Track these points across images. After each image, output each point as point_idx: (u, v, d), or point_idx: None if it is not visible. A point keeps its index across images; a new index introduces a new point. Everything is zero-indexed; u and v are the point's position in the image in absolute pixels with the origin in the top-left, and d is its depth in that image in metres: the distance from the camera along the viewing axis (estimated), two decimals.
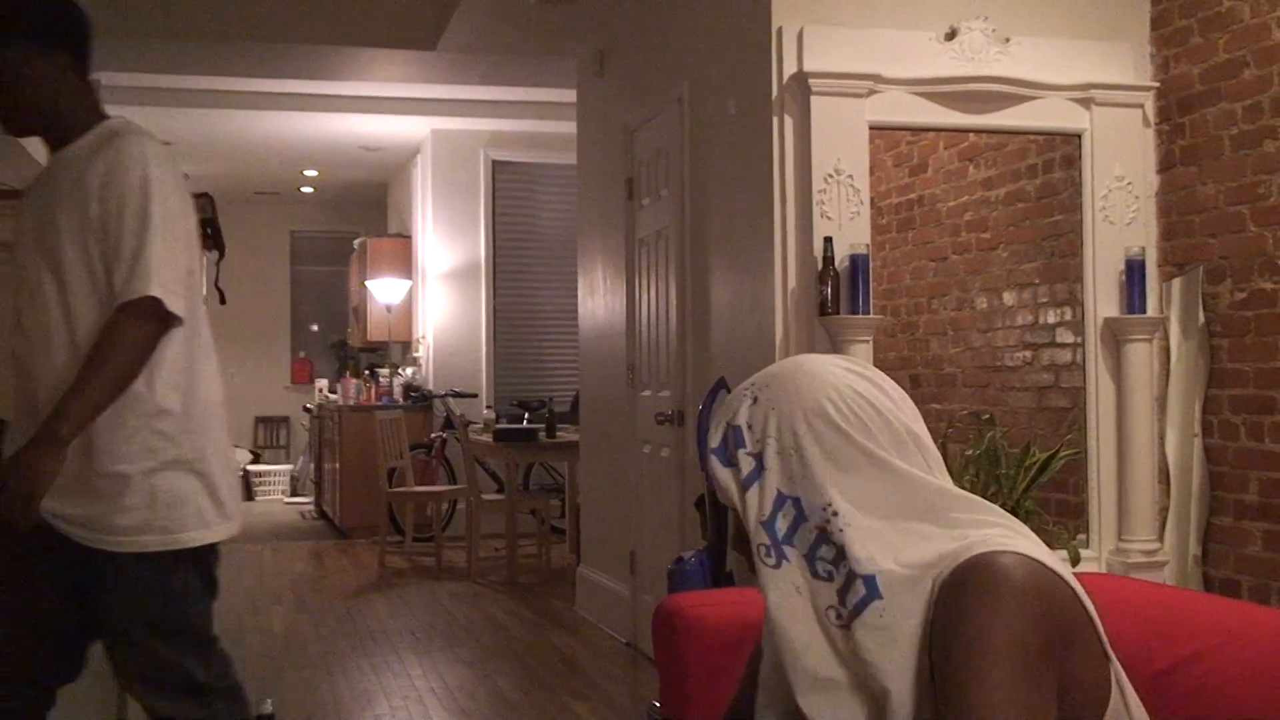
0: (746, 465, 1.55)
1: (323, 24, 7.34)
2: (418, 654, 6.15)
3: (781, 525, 1.53)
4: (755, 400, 1.57)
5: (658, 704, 2.62)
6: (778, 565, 1.52)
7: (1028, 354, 5.15)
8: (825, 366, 1.59)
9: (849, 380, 1.56)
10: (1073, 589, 1.48)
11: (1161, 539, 4.66)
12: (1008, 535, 1.50)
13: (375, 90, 9.50)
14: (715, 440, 1.59)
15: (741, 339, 4.89)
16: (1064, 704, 1.45)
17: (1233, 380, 4.45)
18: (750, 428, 1.56)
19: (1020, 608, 1.40)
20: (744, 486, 1.55)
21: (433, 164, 10.73)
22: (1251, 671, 1.85)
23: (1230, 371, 4.46)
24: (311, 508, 12.34)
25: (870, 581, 1.47)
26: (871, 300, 4.36)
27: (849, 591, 1.48)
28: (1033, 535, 1.54)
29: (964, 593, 1.43)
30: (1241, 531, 4.39)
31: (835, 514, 1.50)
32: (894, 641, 1.46)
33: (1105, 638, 1.51)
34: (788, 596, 1.51)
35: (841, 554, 1.49)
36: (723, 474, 1.57)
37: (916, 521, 1.51)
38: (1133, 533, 4.60)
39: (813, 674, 1.49)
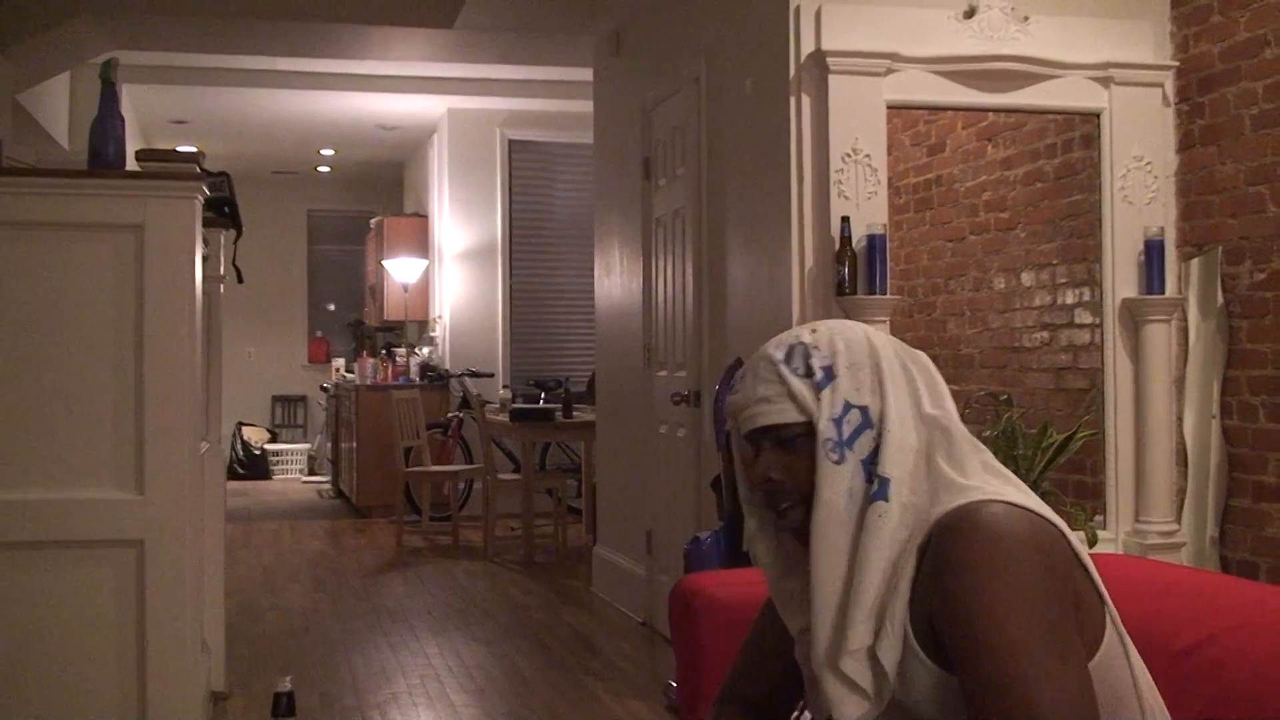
0: (819, 374, 1.65)
1: (340, 2, 7.33)
2: (434, 633, 6.17)
3: (846, 428, 1.63)
4: (815, 330, 1.69)
5: (674, 683, 2.63)
6: (840, 462, 1.62)
7: (1045, 334, 5.14)
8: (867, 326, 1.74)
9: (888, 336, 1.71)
10: (1061, 530, 1.57)
11: (1179, 520, 4.65)
12: (998, 484, 1.60)
13: (392, 69, 9.48)
14: (780, 354, 1.67)
15: (758, 319, 4.88)
16: None
17: (1252, 361, 4.43)
18: (817, 347, 1.67)
19: (1019, 554, 1.49)
20: (818, 387, 1.64)
21: (449, 143, 10.72)
22: (1269, 652, 1.84)
23: (1249, 352, 4.44)
24: (329, 487, 12.38)
25: (885, 483, 1.60)
26: (889, 280, 4.35)
27: (871, 486, 1.61)
28: (1033, 495, 1.63)
29: (957, 545, 1.52)
30: (1260, 513, 4.38)
31: (888, 424, 1.63)
32: (884, 542, 1.58)
33: (1099, 579, 1.60)
34: (839, 495, 1.61)
35: (876, 455, 1.62)
36: (796, 381, 1.65)
37: (942, 460, 1.62)
38: (1150, 514, 4.58)
39: (835, 569, 1.60)
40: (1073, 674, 1.45)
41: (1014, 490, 1.60)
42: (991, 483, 1.60)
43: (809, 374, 1.65)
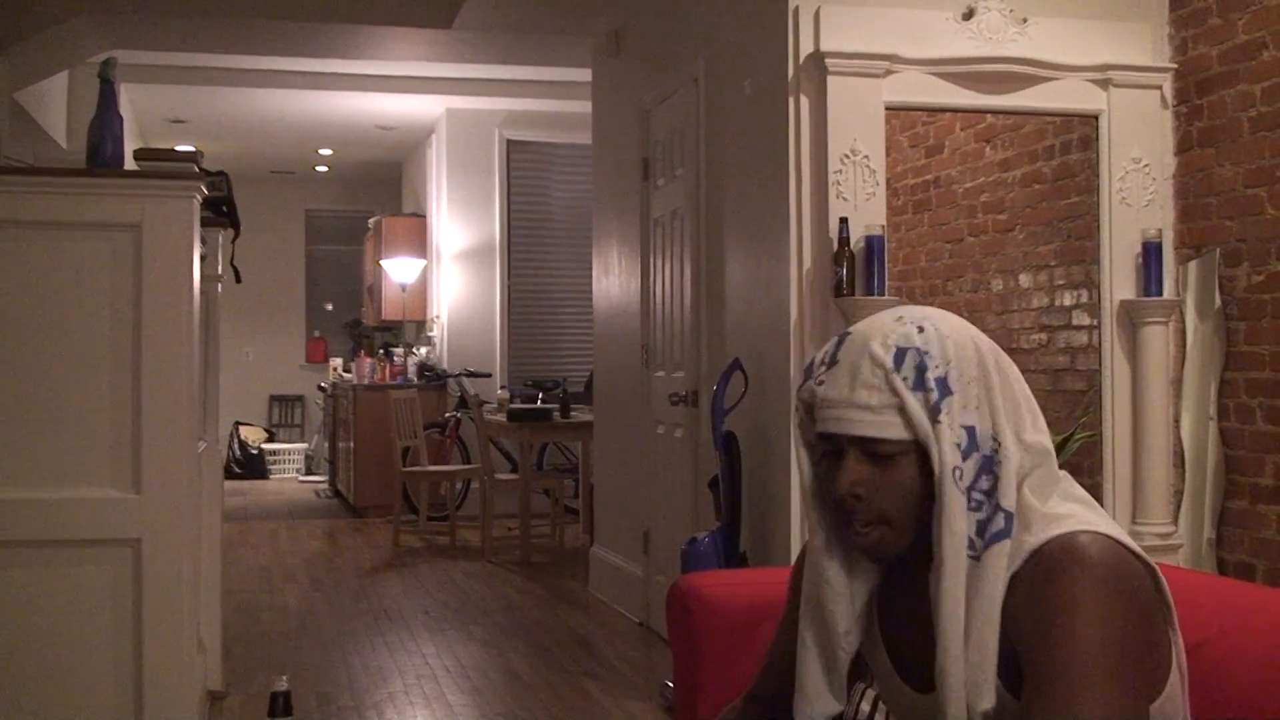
0: (935, 388, 1.51)
1: (338, 2, 7.33)
2: (431, 632, 6.16)
3: (961, 452, 1.51)
4: (921, 329, 1.54)
5: (670, 683, 2.63)
6: (962, 492, 1.50)
7: (1043, 336, 5.14)
8: (957, 316, 1.61)
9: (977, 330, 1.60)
10: (1148, 566, 1.52)
11: (1176, 522, 4.65)
12: (1091, 514, 1.53)
13: (390, 69, 9.49)
14: (889, 357, 1.52)
15: (756, 320, 4.88)
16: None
17: (1249, 363, 4.43)
18: (929, 353, 1.52)
19: (1111, 594, 1.43)
20: (935, 409, 1.50)
21: (448, 143, 10.72)
22: (1265, 654, 1.84)
23: (1246, 354, 4.44)
24: (326, 486, 12.37)
25: (1010, 519, 1.49)
26: (887, 282, 4.35)
27: (990, 523, 1.49)
28: (1118, 525, 1.56)
29: (1051, 578, 1.45)
30: (1256, 515, 4.38)
31: (1000, 445, 1.51)
32: (1002, 580, 1.48)
33: (1174, 610, 1.55)
34: (963, 533, 1.49)
35: (995, 486, 1.50)
36: (910, 396, 1.51)
37: (1051, 479, 1.55)
38: (1147, 515, 4.59)
39: (958, 636, 1.49)
40: (1134, 712, 1.42)
41: (1103, 520, 1.53)
42: (1080, 511, 1.53)
43: (922, 386, 1.51)
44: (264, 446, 13.71)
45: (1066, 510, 1.52)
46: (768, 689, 1.83)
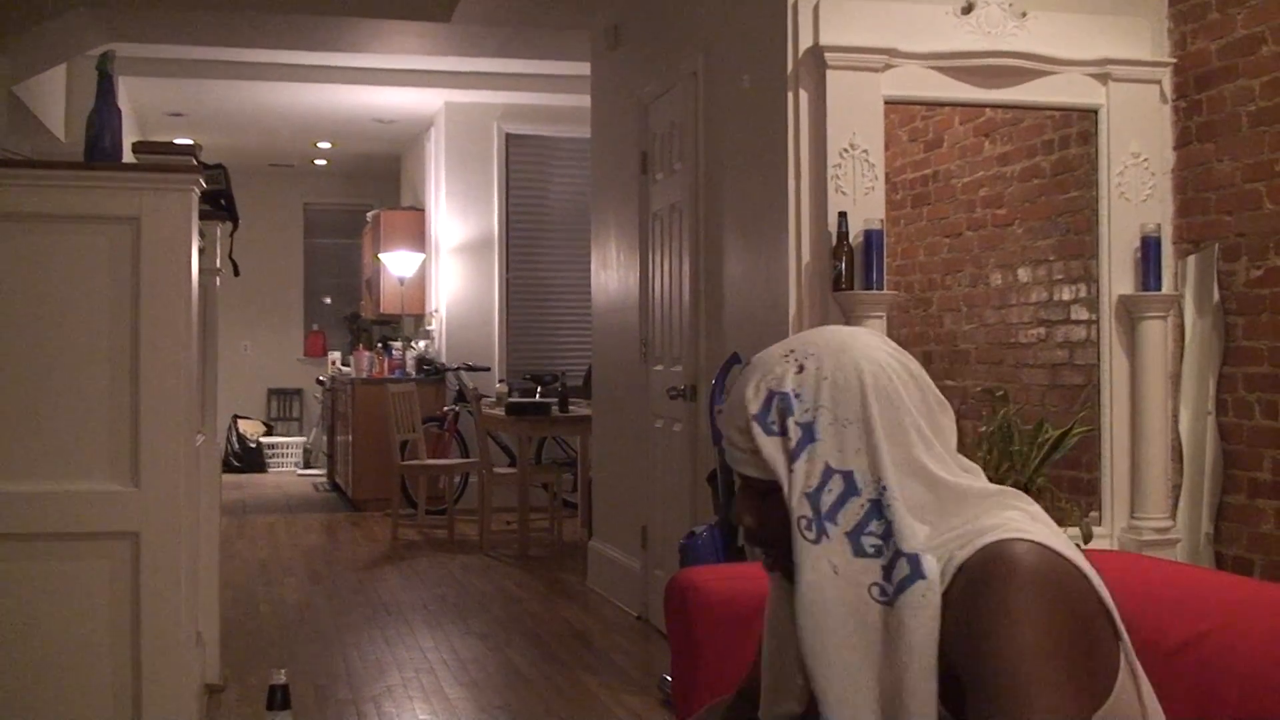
0: (796, 434, 1.50)
1: None
2: (429, 626, 6.17)
3: (827, 499, 1.49)
4: (801, 368, 1.53)
5: (669, 677, 2.62)
6: (817, 541, 1.49)
7: (1042, 330, 5.14)
8: (866, 339, 1.56)
9: (889, 354, 1.55)
10: (1084, 573, 1.48)
11: (1174, 517, 4.65)
12: (1024, 520, 1.50)
13: (389, 62, 9.48)
14: (755, 406, 1.52)
15: (755, 314, 4.88)
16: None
17: (1247, 358, 4.43)
18: (799, 396, 1.51)
19: (1041, 600, 1.41)
20: (792, 456, 1.50)
21: (446, 137, 10.71)
22: (1262, 649, 1.84)
23: (1245, 349, 4.45)
24: (324, 480, 12.37)
25: (914, 560, 1.46)
26: (885, 276, 4.35)
27: (894, 569, 1.47)
28: (1048, 520, 1.53)
29: (982, 588, 1.43)
30: (1254, 510, 4.38)
31: (886, 488, 1.48)
32: (932, 621, 1.45)
33: (1116, 616, 1.51)
34: (824, 575, 1.48)
35: (890, 530, 1.48)
36: (768, 443, 1.51)
37: (952, 503, 1.51)
38: (1145, 510, 4.59)
39: (838, 656, 1.48)
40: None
41: (1035, 525, 1.50)
42: (1012, 519, 1.49)
43: (784, 432, 1.50)
44: (262, 440, 13.72)
45: (996, 520, 1.49)
46: (757, 685, 1.84)
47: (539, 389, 9.55)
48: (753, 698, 1.84)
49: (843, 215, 4.34)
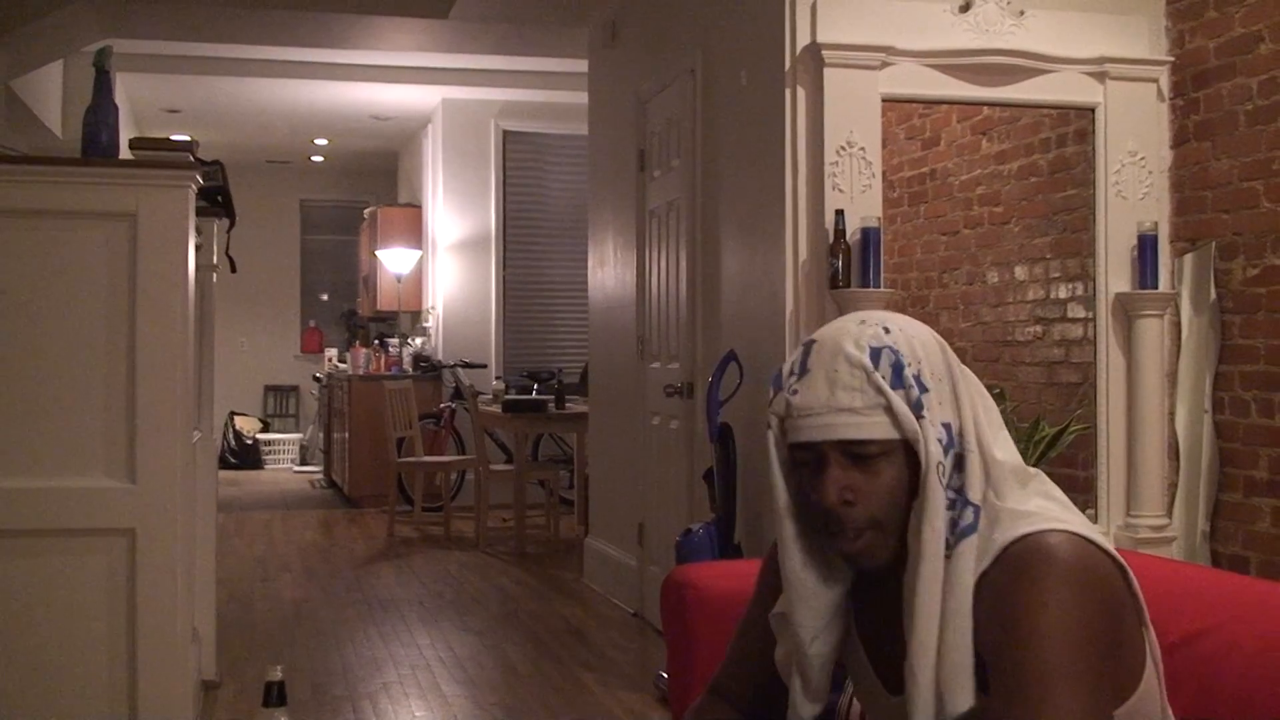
0: (913, 386, 1.50)
1: None
2: (426, 623, 6.17)
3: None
4: (888, 330, 1.52)
5: (665, 674, 2.62)
6: (947, 489, 1.49)
7: (1038, 329, 5.14)
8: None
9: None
10: (1119, 566, 1.50)
11: (1170, 515, 4.66)
12: (1058, 509, 1.51)
13: (386, 59, 9.47)
14: (865, 356, 1.49)
15: (752, 311, 4.88)
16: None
17: (1244, 356, 4.44)
18: (899, 350, 1.51)
19: (1079, 592, 1.42)
20: (917, 405, 1.49)
21: (443, 134, 10.71)
22: (1258, 647, 1.84)
23: (1241, 348, 4.45)
24: (320, 477, 12.37)
25: (977, 512, 1.48)
26: (883, 274, 4.35)
27: (960, 519, 1.49)
28: (1075, 509, 1.55)
29: (1018, 575, 1.44)
30: (1250, 508, 4.39)
31: (966, 441, 1.51)
32: (969, 577, 1.47)
33: (1145, 608, 1.53)
34: (941, 531, 1.48)
35: (964, 482, 1.50)
36: (894, 395, 1.49)
37: (1006, 471, 1.53)
38: (1141, 508, 4.59)
39: (934, 605, 1.48)
40: (1095, 714, 1.40)
41: (1074, 517, 1.51)
42: (1050, 508, 1.51)
43: (901, 384, 1.49)
44: (259, 437, 13.71)
45: (1035, 507, 1.50)
46: (732, 682, 1.82)
47: (536, 386, 9.55)
48: (725, 694, 1.83)
49: (840, 213, 4.34)
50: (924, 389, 1.49)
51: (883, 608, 1.60)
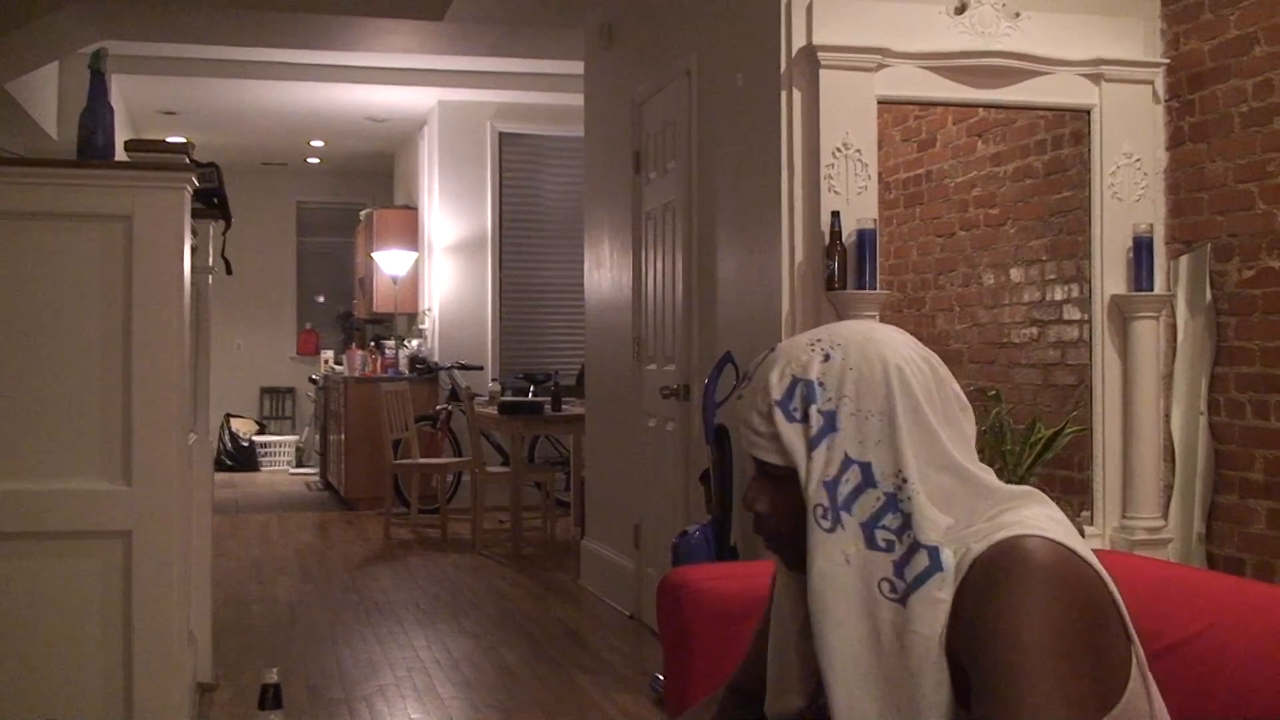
0: (817, 422, 1.50)
1: None
2: (422, 625, 6.16)
3: (844, 489, 1.49)
4: (828, 358, 1.53)
5: (661, 676, 2.62)
6: (832, 530, 1.48)
7: (1034, 330, 5.15)
8: (892, 334, 1.57)
9: (914, 349, 1.55)
10: (1098, 573, 1.48)
11: (1166, 516, 4.66)
12: (1043, 519, 1.49)
13: (382, 61, 9.47)
14: (779, 392, 1.52)
15: (748, 313, 4.88)
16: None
17: (1239, 358, 4.44)
18: (823, 385, 1.51)
19: (1053, 595, 1.40)
20: (812, 444, 1.50)
21: (439, 135, 10.71)
22: (1254, 648, 1.85)
23: (1237, 349, 4.45)
24: (317, 479, 12.36)
25: (935, 553, 1.45)
26: (878, 276, 4.35)
27: (909, 564, 1.47)
28: (1067, 522, 1.53)
29: (993, 580, 1.42)
30: (1246, 509, 4.39)
31: (905, 481, 1.48)
32: (943, 615, 1.45)
33: (1129, 620, 1.51)
34: (836, 565, 1.48)
35: (907, 523, 1.48)
36: (789, 429, 1.51)
37: (977, 497, 1.51)
38: (1137, 510, 4.60)
39: (846, 649, 1.48)
40: (1075, 713, 1.38)
41: (1050, 522, 1.49)
42: (1032, 517, 1.49)
43: (805, 419, 1.51)
44: (255, 439, 13.70)
45: (1017, 518, 1.49)
46: (748, 680, 1.83)
47: (532, 388, 9.55)
48: (743, 692, 1.84)
49: (836, 215, 4.34)
50: (831, 429, 1.50)
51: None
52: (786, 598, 1.66)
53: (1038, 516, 1.50)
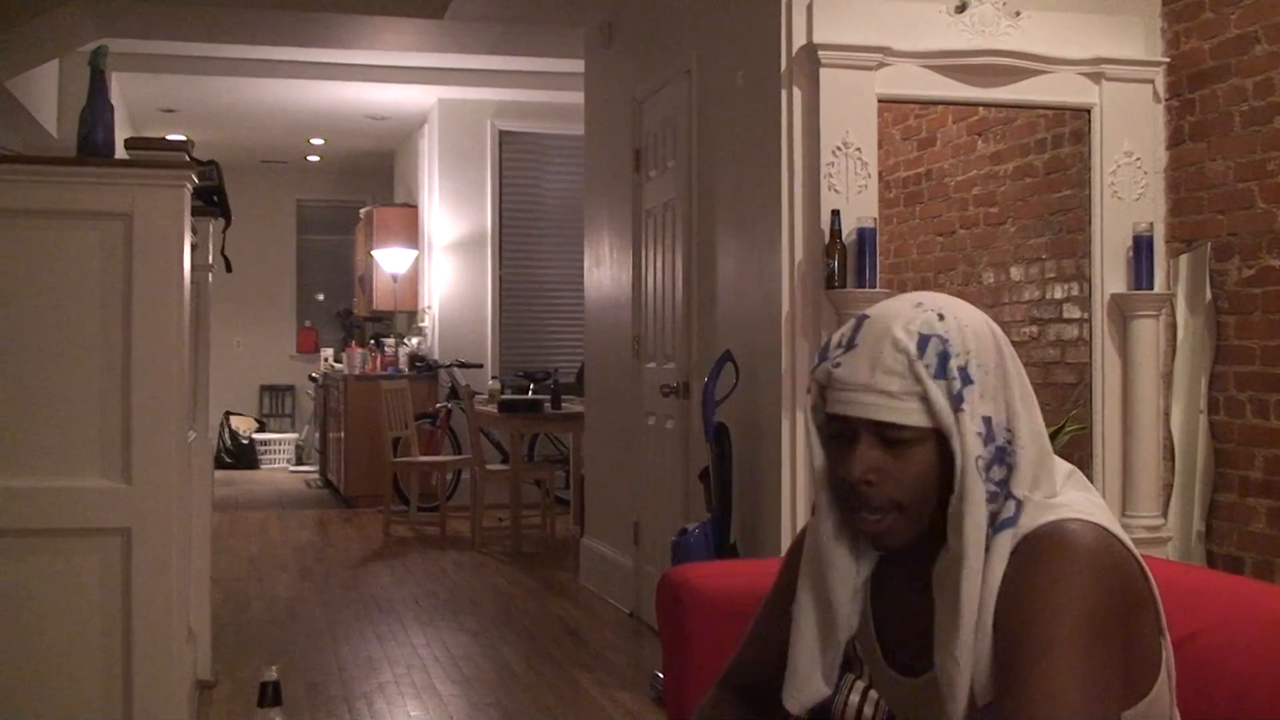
0: (956, 377, 1.48)
1: None
2: (421, 623, 6.16)
3: (980, 442, 1.49)
4: (942, 316, 1.51)
5: (660, 674, 2.62)
6: (986, 482, 1.48)
7: (1034, 329, 5.15)
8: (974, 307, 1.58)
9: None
10: (1137, 560, 1.51)
11: (1165, 515, 4.66)
12: (1089, 505, 1.52)
13: (382, 59, 9.46)
14: (912, 342, 1.49)
15: (747, 311, 4.88)
16: (1123, 673, 1.46)
17: (1239, 357, 4.44)
18: (949, 340, 1.50)
19: (1089, 575, 1.42)
20: (958, 398, 1.48)
21: (439, 133, 10.71)
22: (1253, 648, 1.85)
23: (1237, 348, 4.45)
24: (316, 476, 12.36)
25: (1019, 506, 1.48)
26: (878, 274, 4.35)
27: (1000, 512, 1.48)
28: (1107, 509, 1.56)
29: (1035, 558, 1.45)
30: (1245, 508, 4.39)
31: (1015, 436, 1.50)
32: (1000, 569, 1.47)
33: (1163, 615, 1.54)
34: (984, 523, 1.48)
35: (1009, 478, 1.49)
36: (934, 385, 1.48)
37: (1047, 468, 1.53)
38: (1137, 508, 4.60)
39: (972, 599, 1.48)
40: (1099, 707, 1.40)
41: (1100, 512, 1.52)
42: (1077, 500, 1.51)
43: (944, 374, 1.48)
44: (254, 436, 13.69)
45: (1064, 499, 1.51)
46: (746, 671, 1.82)
47: (531, 386, 9.55)
48: (741, 686, 1.83)
49: (836, 213, 4.34)
50: (968, 381, 1.48)
51: (903, 594, 1.61)
52: (844, 578, 1.62)
53: (1083, 502, 1.52)
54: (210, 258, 4.75)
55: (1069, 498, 1.52)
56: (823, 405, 1.57)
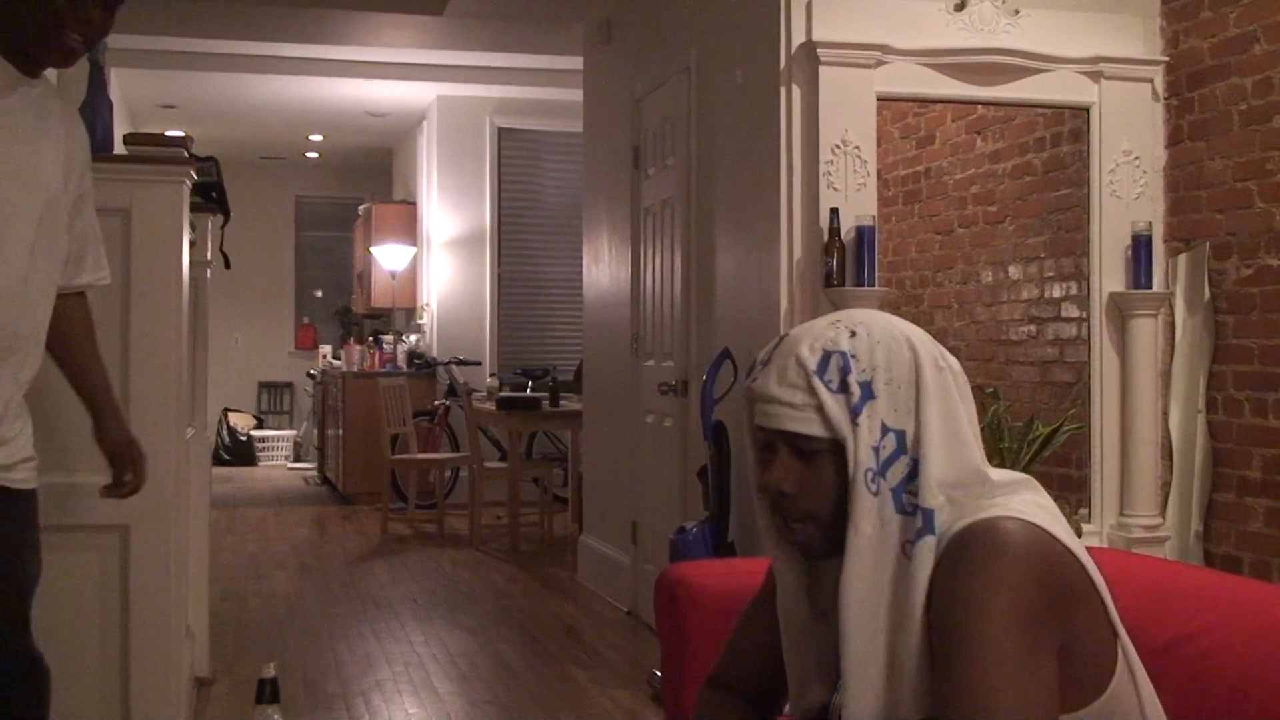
0: (856, 391, 1.54)
1: None
2: (419, 620, 6.16)
3: (883, 456, 1.53)
4: (854, 334, 1.57)
5: (658, 672, 2.62)
6: (877, 492, 1.52)
7: (1032, 328, 5.15)
8: (903, 321, 1.62)
9: (923, 333, 1.61)
10: (1077, 559, 1.50)
11: (1163, 514, 4.66)
12: (1030, 506, 1.53)
13: (382, 55, 9.46)
14: (814, 363, 1.55)
15: (746, 309, 4.88)
16: (1065, 673, 1.46)
17: (1237, 356, 4.44)
18: (855, 356, 1.55)
19: (1020, 571, 1.44)
20: (854, 412, 1.53)
21: (438, 130, 10.70)
22: (1252, 647, 1.85)
23: (1235, 347, 4.45)
24: (314, 474, 12.36)
25: (928, 515, 1.51)
26: (877, 273, 4.35)
27: (914, 521, 1.52)
28: (1057, 513, 1.56)
29: (966, 555, 1.47)
30: (1243, 508, 4.39)
31: (926, 450, 1.53)
32: (922, 580, 1.50)
33: (1114, 613, 1.53)
34: (876, 529, 1.52)
35: (916, 488, 1.53)
36: (830, 398, 1.53)
37: (975, 483, 1.55)
38: (1135, 508, 4.60)
39: (866, 614, 1.52)
40: (1034, 705, 1.41)
41: (1035, 508, 1.53)
42: (1016, 501, 1.53)
43: (844, 389, 1.54)
44: (253, 433, 13.69)
45: (1000, 500, 1.53)
46: (733, 672, 1.84)
47: (530, 383, 9.55)
48: (728, 686, 1.85)
49: (834, 211, 4.34)
50: (869, 396, 1.53)
51: (830, 599, 1.63)
52: (800, 590, 1.67)
53: (1025, 502, 1.54)
54: (209, 254, 4.75)
55: (1006, 500, 1.54)
56: (750, 419, 1.64)
